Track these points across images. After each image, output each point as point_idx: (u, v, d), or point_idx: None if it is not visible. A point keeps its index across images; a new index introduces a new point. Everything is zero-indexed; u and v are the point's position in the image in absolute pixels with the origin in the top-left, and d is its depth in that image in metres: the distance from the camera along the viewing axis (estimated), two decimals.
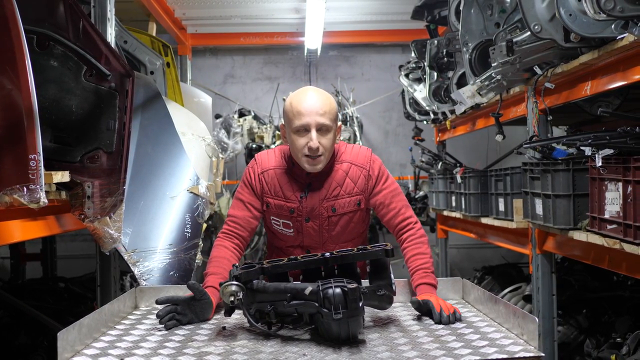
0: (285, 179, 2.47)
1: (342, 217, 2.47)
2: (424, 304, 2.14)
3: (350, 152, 2.51)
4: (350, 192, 2.46)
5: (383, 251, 2.01)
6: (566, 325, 4.01)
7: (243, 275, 1.97)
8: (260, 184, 2.49)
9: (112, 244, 2.93)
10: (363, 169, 2.48)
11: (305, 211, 2.45)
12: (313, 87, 2.47)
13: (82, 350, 1.84)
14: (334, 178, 2.46)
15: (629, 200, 2.47)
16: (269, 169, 2.49)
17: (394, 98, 7.21)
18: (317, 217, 2.45)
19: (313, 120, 2.33)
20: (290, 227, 2.49)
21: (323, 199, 2.44)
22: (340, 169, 2.47)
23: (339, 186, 2.45)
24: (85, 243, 6.54)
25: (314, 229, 2.47)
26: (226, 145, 6.50)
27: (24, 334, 4.14)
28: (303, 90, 2.44)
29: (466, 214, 4.67)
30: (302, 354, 1.78)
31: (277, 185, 2.47)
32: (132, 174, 3.26)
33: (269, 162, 2.51)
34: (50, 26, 2.64)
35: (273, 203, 2.48)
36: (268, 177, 2.48)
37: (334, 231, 2.48)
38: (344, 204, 2.45)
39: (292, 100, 2.39)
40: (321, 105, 2.35)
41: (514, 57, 3.08)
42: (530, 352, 1.73)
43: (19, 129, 2.21)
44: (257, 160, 2.53)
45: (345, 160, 2.49)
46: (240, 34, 7.20)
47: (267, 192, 2.48)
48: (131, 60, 4.37)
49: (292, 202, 2.45)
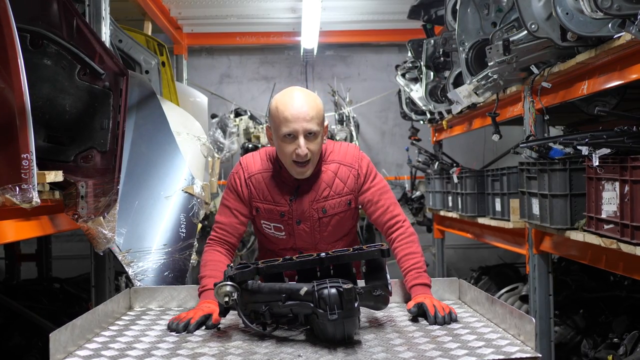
0: (272, 183, 2.43)
1: (333, 217, 2.45)
2: (419, 307, 2.13)
3: (338, 152, 2.47)
4: (340, 193, 2.43)
5: (379, 251, 2.00)
6: (563, 326, 4.00)
7: (238, 276, 1.95)
8: (247, 188, 2.45)
9: (106, 244, 2.91)
10: (352, 168, 2.44)
11: (295, 214, 2.42)
12: (298, 88, 2.40)
13: (74, 352, 1.82)
14: (322, 179, 2.43)
15: (626, 199, 2.46)
16: (255, 173, 2.45)
17: (391, 98, 7.20)
18: (308, 219, 2.43)
19: (300, 127, 2.27)
20: (282, 230, 2.46)
21: (313, 201, 2.42)
22: (329, 170, 2.44)
23: (328, 187, 2.42)
24: (80, 243, 6.50)
25: (305, 231, 2.45)
26: (222, 145, 6.48)
27: (18, 334, 4.12)
28: (289, 93, 2.35)
29: (463, 214, 4.66)
30: (297, 354, 1.77)
31: (265, 189, 2.43)
32: (127, 173, 3.24)
33: (254, 165, 2.47)
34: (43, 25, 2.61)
35: (263, 207, 2.44)
36: (255, 181, 2.44)
37: (326, 232, 2.46)
38: (335, 204, 2.43)
39: (278, 105, 2.30)
40: (308, 111, 2.28)
41: (510, 57, 3.07)
42: (527, 352, 1.72)
43: (11, 128, 2.18)
44: (243, 165, 2.48)
45: (333, 161, 2.45)
46: (236, 33, 7.19)
47: (256, 196, 2.44)
48: (126, 59, 4.35)
49: (282, 205, 2.42)
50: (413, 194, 6.58)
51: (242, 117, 6.78)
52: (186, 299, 2.42)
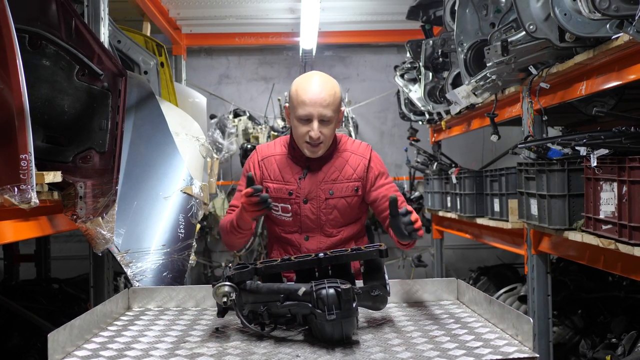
0: (284, 163, 2.57)
1: (339, 200, 2.53)
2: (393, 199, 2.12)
3: (351, 144, 2.62)
4: (349, 178, 2.54)
5: (377, 251, 2.00)
6: (561, 326, 4.00)
7: (236, 276, 1.96)
8: (260, 169, 2.59)
9: (104, 245, 2.91)
10: (363, 158, 2.58)
11: (303, 192, 2.52)
12: (319, 73, 2.53)
13: (73, 352, 1.82)
14: (333, 164, 2.55)
15: (624, 200, 2.47)
16: (268, 155, 2.60)
17: (389, 98, 7.20)
18: (315, 199, 2.52)
19: (316, 112, 2.41)
20: (289, 211, 2.55)
21: (321, 182, 2.53)
22: (341, 157, 2.58)
23: (338, 171, 2.54)
24: (79, 244, 6.50)
25: (311, 211, 2.53)
26: (221, 145, 6.48)
27: (17, 335, 4.12)
28: (309, 77, 2.49)
29: (461, 215, 4.66)
30: (295, 355, 1.77)
31: (277, 169, 2.57)
32: (125, 174, 3.24)
33: (268, 149, 2.62)
34: (42, 25, 2.61)
35: (272, 187, 2.56)
36: (268, 163, 2.59)
37: (331, 214, 2.54)
38: (342, 188, 2.53)
39: (298, 87, 2.45)
40: (325, 97, 2.41)
41: (509, 57, 3.08)
42: (525, 352, 1.72)
43: (9, 129, 2.18)
44: (258, 150, 2.64)
45: (346, 150, 2.60)
46: (235, 34, 7.18)
47: (267, 177, 2.57)
48: (125, 60, 4.35)
49: (291, 184, 2.54)
50: (412, 194, 6.58)
51: (241, 118, 6.78)
52: (185, 299, 2.42)
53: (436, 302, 2.39)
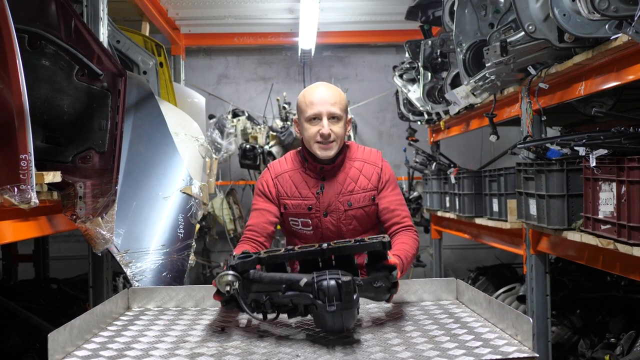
0: (299, 179, 2.58)
1: (358, 210, 2.56)
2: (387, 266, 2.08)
3: (362, 152, 2.64)
4: (365, 188, 2.56)
5: (380, 243, 1.99)
6: (560, 326, 4.01)
7: (239, 265, 1.96)
8: (275, 188, 2.59)
9: (104, 245, 2.91)
10: (376, 166, 2.60)
11: (323, 206, 2.54)
12: (324, 83, 2.61)
13: (73, 352, 1.82)
14: (347, 174, 2.57)
15: (623, 200, 2.47)
16: (282, 172, 2.61)
17: (388, 98, 7.21)
18: (335, 211, 2.54)
19: (325, 109, 2.47)
20: (309, 225, 2.57)
21: (339, 194, 2.55)
22: (353, 167, 2.58)
23: (353, 182, 2.56)
24: (78, 244, 6.50)
25: (332, 223, 2.55)
26: (220, 145, 6.48)
27: (15, 335, 4.12)
28: (315, 84, 2.60)
29: (460, 215, 4.67)
30: (295, 355, 1.77)
31: (293, 186, 2.58)
32: (125, 174, 3.24)
33: (280, 166, 2.64)
34: (41, 25, 2.62)
35: (290, 204, 2.57)
36: (283, 180, 2.59)
37: (351, 225, 2.56)
38: (360, 198, 2.55)
39: (305, 93, 2.55)
40: (332, 96, 2.50)
41: (507, 58, 3.08)
42: (524, 352, 1.72)
43: (9, 129, 2.18)
44: (270, 168, 2.66)
45: (357, 159, 2.61)
46: (234, 34, 7.19)
47: (284, 194, 2.58)
48: (124, 60, 4.35)
49: (310, 199, 2.55)
50: (410, 194, 6.58)
51: (239, 118, 6.78)
52: (184, 299, 2.42)
53: (436, 302, 2.39)
